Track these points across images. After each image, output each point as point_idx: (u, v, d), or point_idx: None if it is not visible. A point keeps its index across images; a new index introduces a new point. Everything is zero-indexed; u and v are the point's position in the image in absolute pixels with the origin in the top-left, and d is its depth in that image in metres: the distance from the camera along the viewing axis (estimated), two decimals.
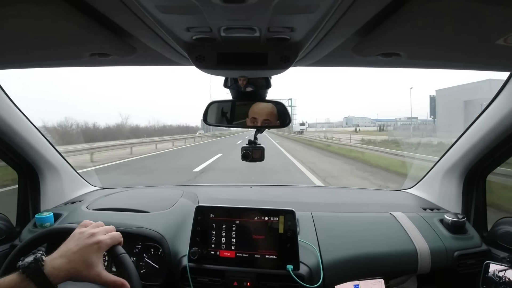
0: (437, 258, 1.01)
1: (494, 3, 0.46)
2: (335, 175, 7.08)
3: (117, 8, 0.47)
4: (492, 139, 1.02)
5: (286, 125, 0.94)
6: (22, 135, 1.10)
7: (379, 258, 0.99)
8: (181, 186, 1.59)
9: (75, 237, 0.62)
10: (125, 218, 1.06)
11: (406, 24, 0.54)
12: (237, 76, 0.84)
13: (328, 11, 0.46)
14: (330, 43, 0.65)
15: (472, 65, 0.81)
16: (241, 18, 0.49)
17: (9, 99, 1.04)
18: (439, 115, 28.34)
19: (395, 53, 0.69)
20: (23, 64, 0.85)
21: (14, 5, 0.47)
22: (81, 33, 0.60)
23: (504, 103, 0.95)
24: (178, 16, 0.49)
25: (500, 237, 1.04)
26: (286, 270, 0.88)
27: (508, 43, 0.58)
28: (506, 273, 0.94)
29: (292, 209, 0.94)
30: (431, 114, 35.19)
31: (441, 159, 1.29)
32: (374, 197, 1.53)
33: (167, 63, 0.90)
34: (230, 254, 0.94)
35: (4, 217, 1.16)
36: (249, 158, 1.01)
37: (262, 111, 0.95)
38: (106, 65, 0.90)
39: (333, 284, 0.94)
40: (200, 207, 0.98)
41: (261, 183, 1.82)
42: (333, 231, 1.08)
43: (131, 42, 0.71)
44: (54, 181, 1.32)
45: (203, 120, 0.98)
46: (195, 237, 0.96)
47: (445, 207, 1.27)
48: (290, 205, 0.96)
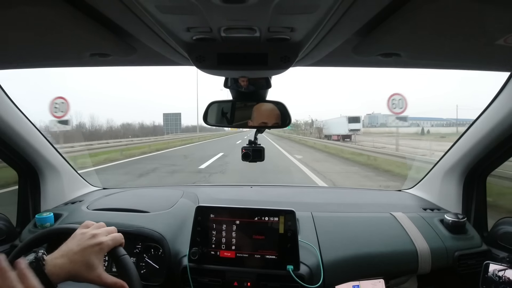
0: (438, 258, 1.01)
1: (494, 3, 0.46)
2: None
3: (117, 8, 0.47)
4: (492, 139, 1.02)
5: (287, 125, 0.94)
6: (22, 135, 1.10)
7: (379, 258, 0.99)
8: (181, 187, 1.59)
9: (77, 237, 0.62)
10: (125, 218, 1.06)
11: (406, 24, 0.54)
12: (237, 76, 0.84)
13: (328, 11, 0.46)
14: (330, 43, 0.65)
15: (472, 65, 0.81)
16: (241, 18, 0.49)
17: (9, 99, 1.04)
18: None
19: (395, 53, 0.70)
20: (23, 64, 0.85)
21: (14, 5, 0.47)
22: (82, 33, 0.60)
23: (504, 103, 0.94)
24: (178, 16, 0.49)
25: (500, 237, 1.04)
26: (286, 270, 0.88)
27: (508, 43, 0.58)
28: (505, 273, 0.94)
29: (292, 209, 0.94)
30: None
31: (441, 159, 1.29)
32: (375, 197, 1.53)
33: (167, 63, 0.90)
34: (230, 254, 0.93)
35: (4, 217, 1.16)
36: (249, 158, 1.01)
37: (262, 111, 0.95)
38: (106, 65, 0.90)
39: (334, 284, 0.94)
40: (200, 207, 0.98)
41: (261, 183, 1.82)
42: (334, 231, 1.08)
43: (131, 42, 0.71)
44: (54, 181, 1.32)
45: (203, 120, 0.98)
46: (195, 237, 0.96)
47: (446, 207, 1.27)
48: (290, 205, 0.96)
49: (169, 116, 48.04)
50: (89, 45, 0.68)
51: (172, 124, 47.51)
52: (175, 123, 48.00)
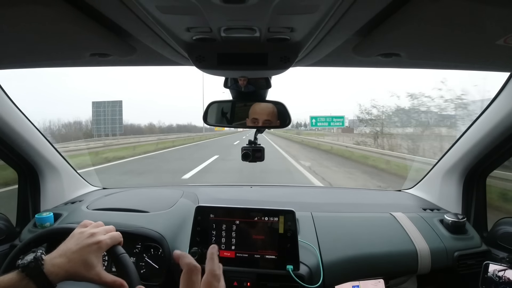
0: (437, 259, 1.01)
1: (494, 3, 0.46)
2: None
3: (117, 8, 0.47)
4: (492, 139, 1.02)
5: (286, 125, 0.94)
6: (22, 135, 1.10)
7: (379, 258, 0.99)
8: (181, 186, 1.59)
9: (75, 236, 0.62)
10: (125, 218, 1.06)
11: (406, 24, 0.54)
12: (237, 77, 0.84)
13: (328, 11, 0.46)
14: (330, 43, 0.65)
15: (472, 65, 0.81)
16: (241, 18, 0.49)
17: (9, 99, 1.04)
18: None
19: (395, 53, 0.70)
20: (23, 64, 0.85)
21: (14, 5, 0.47)
22: (82, 33, 0.60)
23: (504, 104, 0.95)
24: (178, 17, 0.49)
25: (500, 238, 1.04)
26: (286, 270, 0.88)
27: (508, 43, 0.58)
28: (505, 273, 0.94)
29: (292, 209, 0.94)
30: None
31: (441, 160, 1.29)
32: (374, 197, 1.53)
33: (167, 63, 0.90)
34: (230, 254, 0.93)
35: (4, 217, 1.16)
36: (249, 158, 1.01)
37: (262, 111, 0.95)
38: (106, 65, 0.90)
39: (333, 285, 0.94)
40: (200, 207, 0.98)
41: (261, 184, 1.82)
42: (333, 231, 1.08)
43: (131, 42, 0.71)
44: (54, 181, 1.32)
45: (203, 120, 0.98)
46: (195, 237, 0.96)
47: (445, 208, 1.27)
48: (290, 205, 0.96)
49: (101, 107, 23.89)
50: (89, 45, 0.68)
51: (107, 122, 23.51)
52: (112, 119, 23.81)
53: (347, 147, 12.03)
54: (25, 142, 1.13)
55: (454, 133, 8.55)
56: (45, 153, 1.23)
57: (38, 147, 1.19)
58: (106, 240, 0.63)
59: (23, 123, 1.11)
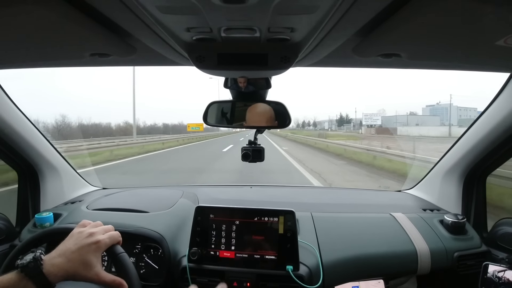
0: (437, 259, 1.01)
1: (494, 3, 0.46)
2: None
3: (117, 8, 0.47)
4: (492, 140, 1.02)
5: (286, 125, 0.94)
6: (22, 135, 1.10)
7: (379, 258, 0.99)
8: (181, 186, 1.59)
9: (74, 236, 0.63)
10: (125, 218, 1.06)
11: (406, 24, 0.54)
12: (237, 77, 0.84)
13: (328, 11, 0.46)
14: (330, 43, 0.65)
15: (472, 66, 0.81)
16: (241, 18, 0.49)
17: (9, 99, 1.04)
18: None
19: (395, 53, 0.70)
20: (23, 64, 0.85)
21: (14, 5, 0.47)
22: (82, 33, 0.60)
23: (504, 104, 0.95)
24: (178, 17, 0.49)
25: (500, 238, 1.04)
26: (286, 270, 0.88)
27: (508, 43, 0.58)
28: (505, 273, 0.94)
29: (292, 209, 0.94)
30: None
31: (441, 160, 1.29)
32: (374, 197, 1.53)
33: (167, 63, 0.90)
34: (230, 255, 0.93)
35: (4, 217, 1.16)
36: (249, 158, 1.01)
37: (262, 112, 0.95)
38: (106, 65, 0.90)
39: (333, 285, 0.94)
40: (200, 207, 0.98)
41: (261, 184, 1.82)
42: (333, 231, 1.08)
43: (131, 42, 0.71)
44: (54, 181, 1.32)
45: (203, 120, 0.98)
46: (195, 237, 0.96)
47: (445, 208, 1.27)
48: (290, 205, 0.96)
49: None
50: (89, 45, 0.68)
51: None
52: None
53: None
54: (25, 142, 1.13)
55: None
56: (45, 153, 1.23)
57: (38, 147, 1.19)
58: (105, 240, 0.63)
59: (23, 123, 1.11)
